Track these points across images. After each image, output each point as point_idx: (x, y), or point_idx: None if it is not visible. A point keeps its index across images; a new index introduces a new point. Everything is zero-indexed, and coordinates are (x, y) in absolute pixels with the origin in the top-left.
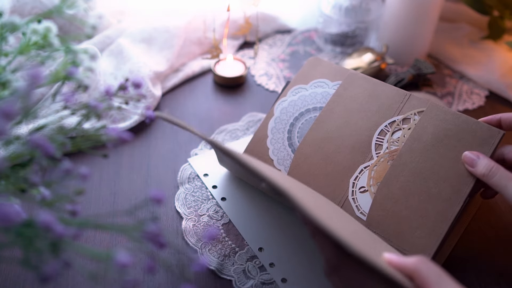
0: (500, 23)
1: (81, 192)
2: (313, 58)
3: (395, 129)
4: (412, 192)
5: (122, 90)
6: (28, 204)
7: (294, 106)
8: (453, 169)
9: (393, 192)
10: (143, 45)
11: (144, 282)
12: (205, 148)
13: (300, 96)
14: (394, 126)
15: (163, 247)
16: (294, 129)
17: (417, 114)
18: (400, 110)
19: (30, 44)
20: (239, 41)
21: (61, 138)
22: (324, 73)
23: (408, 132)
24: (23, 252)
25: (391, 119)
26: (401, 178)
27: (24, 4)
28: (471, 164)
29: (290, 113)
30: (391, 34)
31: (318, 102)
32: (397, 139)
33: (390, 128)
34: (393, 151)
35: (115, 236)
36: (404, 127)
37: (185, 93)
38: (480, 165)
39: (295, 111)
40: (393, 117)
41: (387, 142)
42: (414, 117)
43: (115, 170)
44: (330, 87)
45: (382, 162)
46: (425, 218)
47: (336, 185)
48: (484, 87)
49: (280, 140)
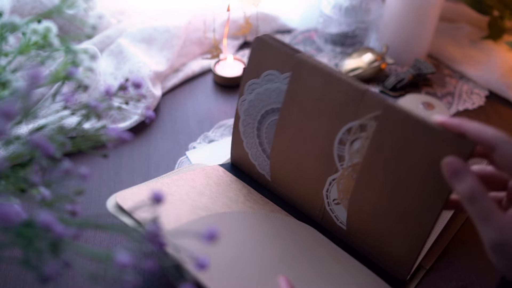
0: (500, 23)
1: (81, 192)
2: (258, 40)
3: (354, 138)
4: (382, 212)
5: (122, 90)
6: (28, 204)
7: (254, 107)
8: (421, 183)
9: (363, 208)
10: (143, 45)
11: (144, 282)
12: (203, 142)
13: (256, 94)
14: (352, 134)
15: (163, 247)
16: (262, 133)
17: (374, 119)
18: (356, 112)
19: (30, 44)
20: (239, 41)
21: (61, 138)
22: (272, 62)
23: (367, 142)
24: (23, 252)
25: (347, 124)
26: (368, 194)
27: (24, 4)
28: (453, 175)
29: (253, 116)
30: (391, 34)
31: (274, 102)
32: (357, 150)
33: (348, 136)
34: (355, 164)
35: (115, 236)
36: (362, 135)
37: (185, 93)
38: (464, 182)
39: (256, 113)
40: (350, 122)
41: (348, 153)
42: (371, 123)
43: (115, 170)
44: (281, 81)
45: (347, 175)
46: (399, 237)
47: (312, 195)
48: (484, 87)
49: (254, 145)
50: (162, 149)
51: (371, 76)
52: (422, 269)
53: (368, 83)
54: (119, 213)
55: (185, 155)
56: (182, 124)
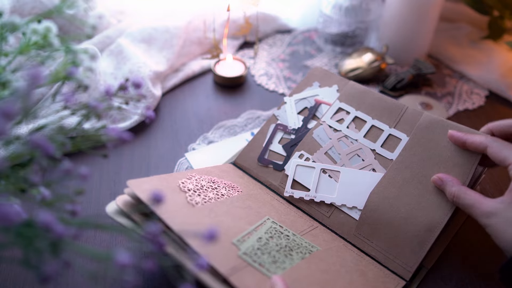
0: (500, 23)
1: (81, 192)
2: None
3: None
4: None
5: (122, 90)
6: (28, 204)
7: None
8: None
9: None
10: (143, 45)
11: (144, 282)
12: (202, 144)
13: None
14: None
15: (163, 247)
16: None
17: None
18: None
19: (30, 44)
20: (239, 41)
21: (61, 138)
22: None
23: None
24: (23, 252)
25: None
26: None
27: (24, 4)
28: (441, 185)
29: None
30: (391, 34)
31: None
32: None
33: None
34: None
35: (115, 236)
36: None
37: (185, 93)
38: (449, 188)
39: None
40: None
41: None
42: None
43: (115, 170)
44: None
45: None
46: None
47: None
48: (484, 87)
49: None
50: (162, 149)
51: (371, 76)
52: (423, 269)
53: (368, 83)
54: (118, 216)
55: (184, 156)
56: (182, 124)
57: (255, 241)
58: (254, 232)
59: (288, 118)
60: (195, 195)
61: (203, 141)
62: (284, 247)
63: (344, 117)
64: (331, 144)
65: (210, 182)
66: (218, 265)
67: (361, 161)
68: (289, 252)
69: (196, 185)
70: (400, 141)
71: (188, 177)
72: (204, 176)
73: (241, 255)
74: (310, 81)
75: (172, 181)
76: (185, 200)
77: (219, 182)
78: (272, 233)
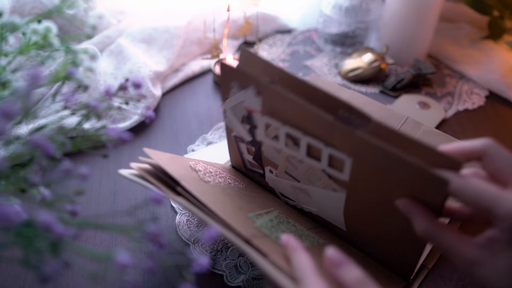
0: (500, 23)
1: (81, 192)
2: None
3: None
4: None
5: (122, 90)
6: (28, 204)
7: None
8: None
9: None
10: (143, 45)
11: (144, 282)
12: (202, 145)
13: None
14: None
15: (163, 247)
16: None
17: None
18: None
19: (30, 44)
20: (239, 41)
21: (61, 138)
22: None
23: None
24: (23, 252)
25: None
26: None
27: (24, 4)
28: (407, 216)
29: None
30: (391, 34)
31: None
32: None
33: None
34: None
35: (115, 236)
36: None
37: (185, 93)
38: (414, 226)
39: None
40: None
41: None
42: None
43: (115, 170)
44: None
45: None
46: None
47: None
48: (484, 87)
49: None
50: (162, 150)
51: (371, 76)
52: (424, 269)
53: (368, 83)
54: (134, 177)
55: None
56: (182, 124)
57: (268, 220)
58: (264, 215)
59: (238, 129)
60: (206, 176)
61: (202, 142)
62: (294, 232)
63: (278, 134)
64: (284, 163)
65: (217, 171)
66: (240, 229)
67: (319, 180)
68: (299, 238)
69: (205, 170)
70: (344, 161)
71: (195, 162)
72: (210, 166)
73: (258, 227)
74: (227, 82)
75: (183, 161)
76: (198, 177)
77: (224, 174)
78: (280, 220)
